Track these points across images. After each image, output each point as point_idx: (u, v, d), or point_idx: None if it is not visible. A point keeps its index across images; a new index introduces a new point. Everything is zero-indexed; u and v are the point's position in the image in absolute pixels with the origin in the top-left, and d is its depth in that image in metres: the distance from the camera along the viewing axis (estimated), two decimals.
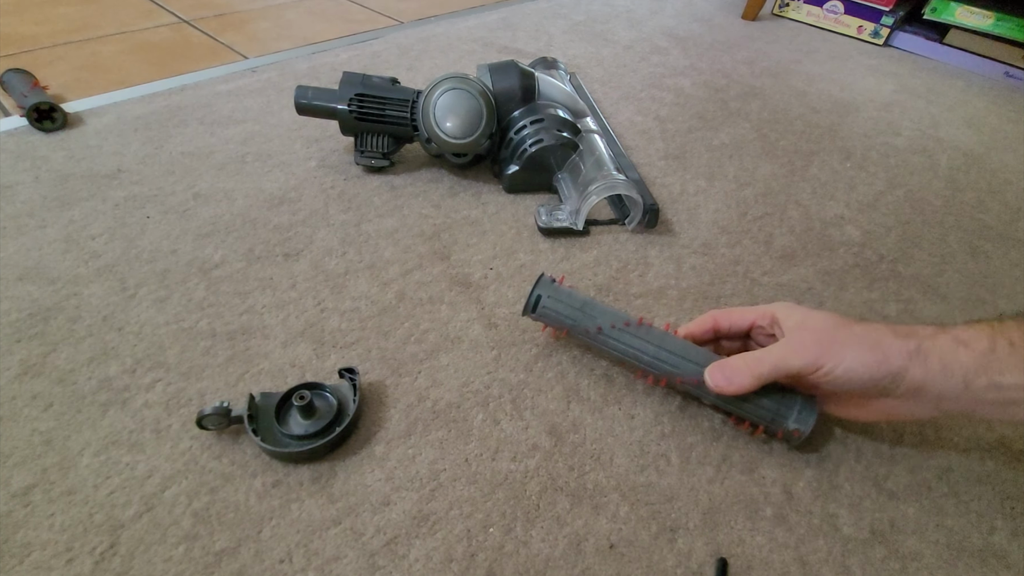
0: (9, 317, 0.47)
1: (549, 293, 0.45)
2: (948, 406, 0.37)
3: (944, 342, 0.36)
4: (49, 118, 0.69)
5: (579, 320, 0.44)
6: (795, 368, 0.37)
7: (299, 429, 0.40)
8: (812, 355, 0.37)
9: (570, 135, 0.63)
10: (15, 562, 0.34)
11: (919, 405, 0.37)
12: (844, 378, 0.36)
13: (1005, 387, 0.34)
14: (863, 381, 0.36)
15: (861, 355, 0.36)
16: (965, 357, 0.35)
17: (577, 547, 0.37)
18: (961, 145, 0.86)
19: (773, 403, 0.40)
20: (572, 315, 0.44)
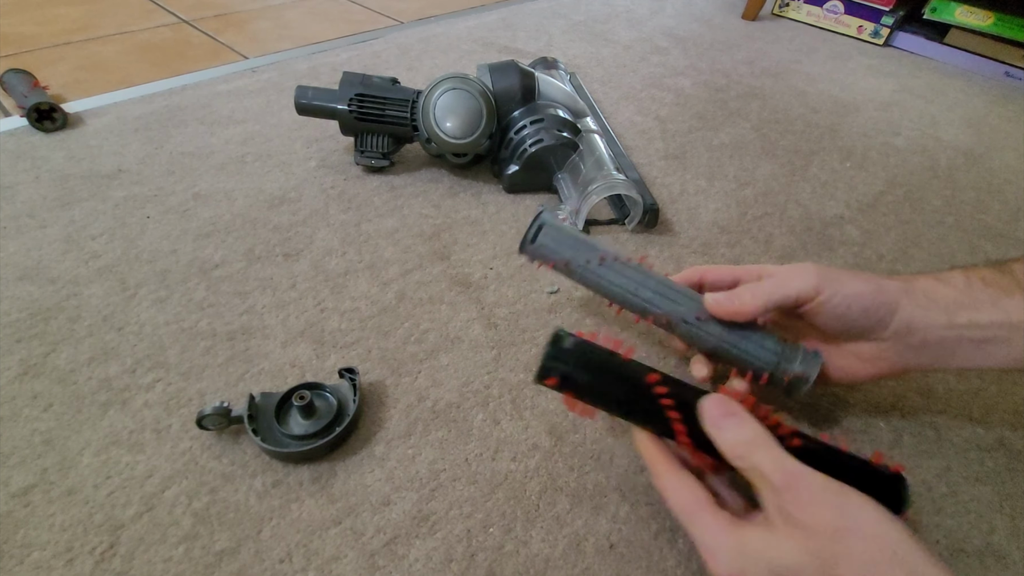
0: (9, 317, 0.47)
1: (551, 222, 0.41)
2: (934, 352, 0.37)
3: (925, 281, 0.37)
4: (49, 118, 0.69)
5: (580, 250, 0.40)
6: (795, 292, 0.36)
7: (299, 429, 0.40)
8: (812, 280, 0.36)
9: (570, 135, 0.64)
10: (15, 562, 0.34)
11: (908, 350, 0.37)
12: (843, 306, 0.36)
13: (982, 325, 0.35)
14: (860, 311, 0.36)
15: (858, 284, 0.36)
16: (946, 291, 0.36)
17: (577, 547, 0.37)
18: (961, 145, 0.86)
19: (777, 345, 0.39)
20: (572, 245, 0.41)
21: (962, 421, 0.47)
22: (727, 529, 0.28)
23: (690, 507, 0.30)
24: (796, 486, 0.27)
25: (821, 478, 0.27)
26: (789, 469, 0.28)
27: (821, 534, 0.26)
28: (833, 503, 0.26)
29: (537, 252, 0.41)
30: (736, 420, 0.30)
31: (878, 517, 0.26)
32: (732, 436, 0.30)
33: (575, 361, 0.32)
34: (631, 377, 0.33)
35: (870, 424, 0.45)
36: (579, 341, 0.33)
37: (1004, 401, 0.48)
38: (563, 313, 0.52)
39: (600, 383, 0.33)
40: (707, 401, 0.31)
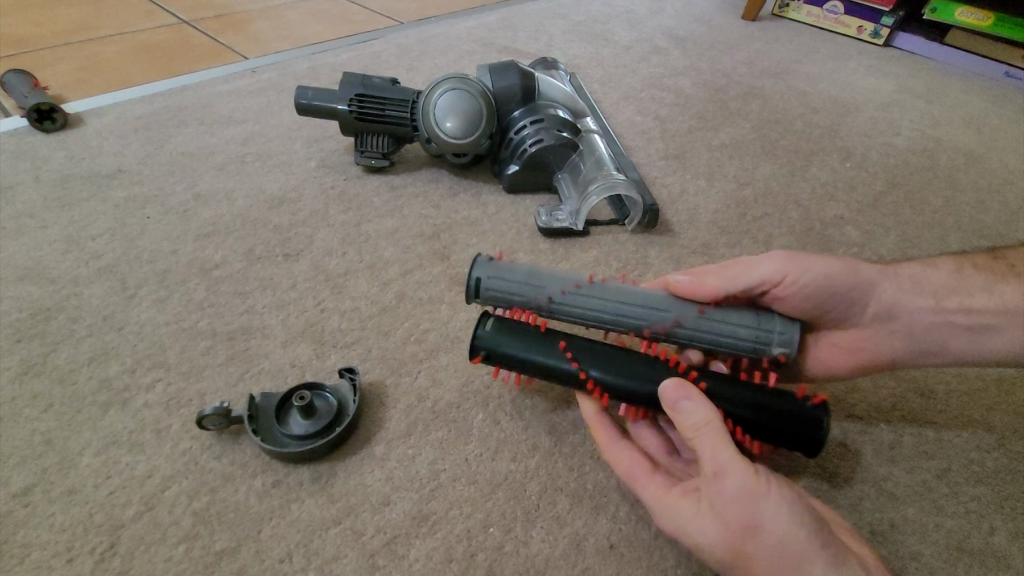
0: (9, 317, 0.47)
1: (489, 273, 0.40)
2: (922, 342, 0.34)
3: (911, 266, 0.35)
4: (49, 118, 0.69)
5: (528, 294, 0.39)
6: (759, 276, 0.35)
7: (299, 429, 0.40)
8: (778, 262, 0.35)
9: (570, 135, 0.64)
10: (15, 562, 0.34)
11: (892, 338, 0.34)
12: (812, 287, 0.34)
13: (975, 311, 0.33)
14: (831, 292, 0.34)
15: (829, 264, 0.34)
16: (934, 275, 0.34)
17: (577, 547, 0.37)
18: (961, 145, 0.86)
19: (752, 321, 0.37)
20: (519, 290, 0.39)
21: (962, 422, 0.46)
22: (663, 494, 0.32)
23: (632, 472, 0.34)
24: (722, 480, 0.29)
25: (744, 476, 0.28)
26: (720, 461, 0.29)
27: (735, 530, 0.28)
28: (748, 503, 0.28)
29: (484, 303, 0.40)
30: (690, 404, 0.32)
31: (790, 520, 0.27)
32: (683, 419, 0.32)
33: (496, 339, 0.38)
34: (546, 347, 0.37)
35: (870, 424, 0.45)
36: (499, 321, 0.38)
37: (1004, 402, 0.48)
38: None
39: (519, 355, 0.37)
40: (666, 385, 0.34)
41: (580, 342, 0.37)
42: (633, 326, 0.38)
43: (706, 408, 0.32)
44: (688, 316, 0.37)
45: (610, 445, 0.36)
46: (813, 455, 0.34)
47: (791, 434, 0.34)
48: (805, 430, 0.34)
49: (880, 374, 0.49)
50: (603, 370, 0.36)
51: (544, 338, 0.37)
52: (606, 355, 0.37)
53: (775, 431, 0.34)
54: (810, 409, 0.34)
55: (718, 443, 0.30)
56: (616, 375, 0.36)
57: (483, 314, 0.39)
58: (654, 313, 0.38)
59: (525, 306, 0.39)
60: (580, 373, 0.36)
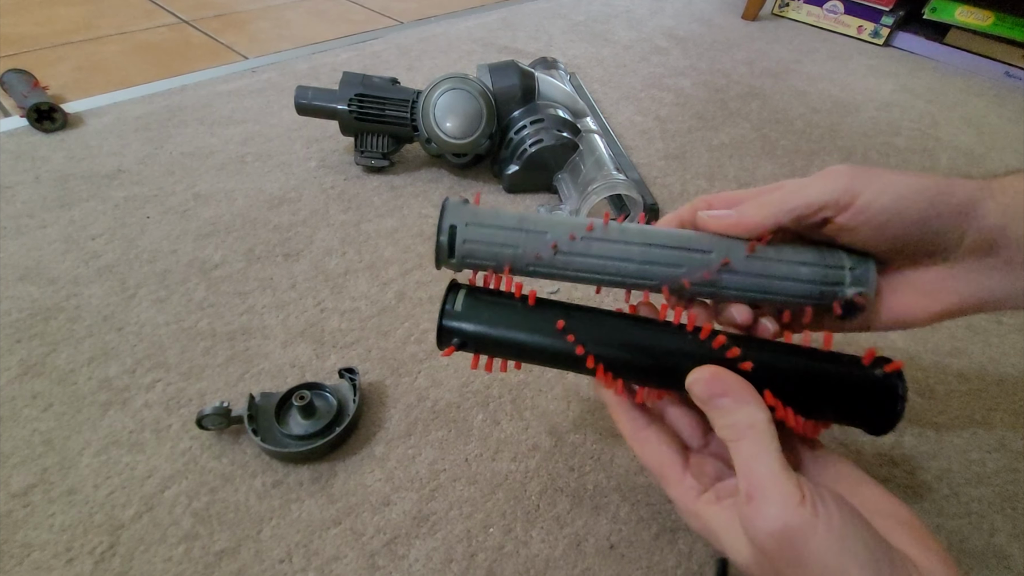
0: (9, 317, 0.47)
1: (467, 219, 0.29)
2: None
3: (1014, 180, 0.27)
4: (49, 118, 0.69)
5: (524, 244, 0.28)
6: (819, 198, 0.27)
7: (299, 429, 0.40)
8: (842, 182, 0.26)
9: (570, 135, 0.63)
10: (15, 562, 0.34)
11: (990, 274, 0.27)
12: (891, 212, 0.26)
13: None
14: (918, 218, 0.26)
15: (913, 182, 0.26)
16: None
17: (577, 547, 0.37)
18: (961, 145, 0.86)
19: (814, 256, 0.28)
20: (512, 239, 0.28)
21: (963, 422, 0.46)
22: (691, 501, 0.27)
23: (659, 469, 0.29)
24: (756, 506, 0.22)
25: (784, 506, 0.22)
26: (756, 481, 0.23)
27: (772, 558, 0.23)
28: (788, 538, 0.22)
29: (463, 264, 0.30)
30: (728, 402, 0.25)
31: (840, 555, 0.22)
32: (720, 418, 0.25)
33: (472, 318, 0.28)
34: (538, 323, 0.28)
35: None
36: (473, 294, 0.29)
37: (1005, 402, 0.48)
38: (561, 296, 0.52)
39: (504, 336, 0.28)
40: (699, 378, 0.26)
41: (580, 314, 0.29)
42: (668, 276, 0.29)
43: (750, 406, 0.25)
44: (737, 254, 0.28)
45: (635, 434, 0.30)
46: (883, 432, 0.28)
47: (860, 409, 0.28)
48: (878, 403, 0.27)
49: None
50: (614, 347, 0.28)
51: (535, 312, 0.29)
52: (616, 328, 0.28)
53: (840, 406, 0.28)
54: (883, 378, 0.27)
55: (759, 455, 0.23)
56: (630, 352, 0.28)
57: (450, 286, 0.29)
58: (693, 256, 0.28)
59: (520, 262, 0.29)
60: (586, 356, 0.28)
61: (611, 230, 0.29)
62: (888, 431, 0.28)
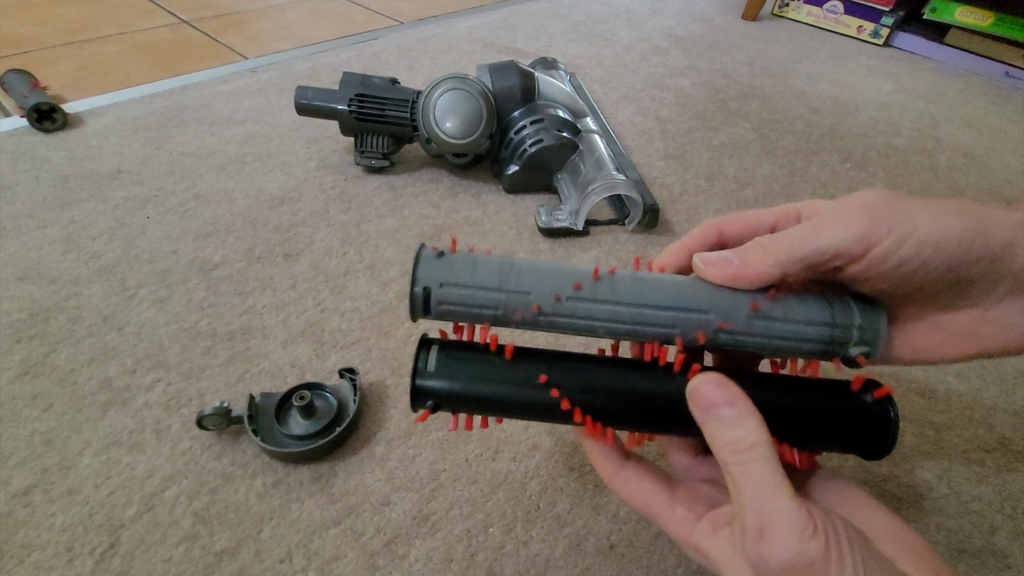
0: (9, 317, 0.47)
1: (442, 277, 0.26)
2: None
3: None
4: (49, 118, 0.69)
5: (503, 305, 0.26)
6: (831, 245, 0.24)
7: (299, 429, 0.40)
8: (861, 225, 0.23)
9: (570, 135, 0.64)
10: (15, 562, 0.34)
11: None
12: (917, 262, 0.23)
13: None
14: (947, 267, 0.23)
15: (942, 222, 0.23)
16: None
17: (577, 547, 0.37)
18: (961, 145, 0.86)
19: (825, 315, 0.26)
20: (491, 301, 0.26)
21: (963, 422, 0.46)
22: (687, 534, 0.25)
23: (646, 507, 0.27)
24: (767, 542, 0.21)
25: (797, 540, 0.20)
26: (767, 513, 0.21)
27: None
28: (803, 573, 0.21)
29: (441, 318, 0.27)
30: (731, 412, 0.23)
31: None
32: (721, 432, 0.23)
33: (447, 377, 0.26)
34: (519, 382, 0.27)
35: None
36: (446, 350, 0.27)
37: (1005, 402, 0.48)
38: None
39: (481, 395, 0.27)
40: (703, 384, 0.24)
41: (563, 363, 0.27)
42: (660, 336, 0.27)
43: (754, 422, 0.23)
44: (737, 315, 0.26)
45: (614, 476, 0.27)
46: (878, 458, 0.27)
47: (853, 438, 0.27)
48: (871, 431, 0.26)
49: (882, 367, 0.49)
50: (600, 396, 0.26)
51: (515, 366, 0.27)
52: (601, 376, 0.27)
53: (832, 436, 0.27)
54: (873, 405, 0.26)
55: (766, 482, 0.21)
56: (617, 400, 0.26)
57: (421, 342, 0.27)
58: (690, 317, 0.26)
59: (500, 321, 0.27)
60: (573, 409, 0.26)
61: (601, 288, 0.27)
62: (883, 457, 0.27)
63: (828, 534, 0.20)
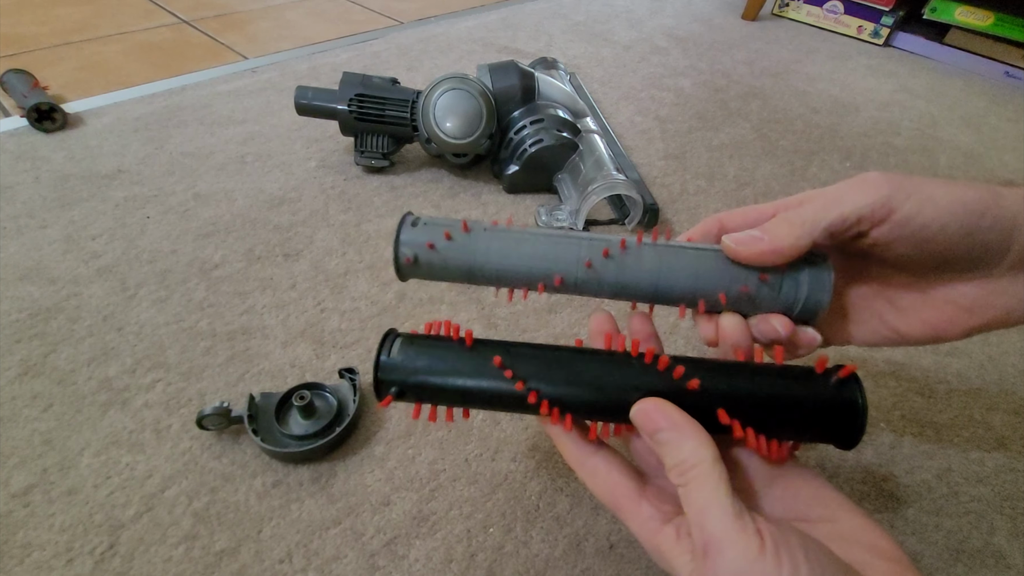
0: (9, 317, 0.47)
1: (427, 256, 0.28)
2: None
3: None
4: (49, 118, 0.69)
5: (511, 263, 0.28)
6: (855, 210, 0.25)
7: (299, 429, 0.40)
8: (882, 192, 0.24)
9: (570, 135, 0.64)
10: (15, 562, 0.34)
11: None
12: (934, 226, 0.24)
13: None
14: (961, 231, 0.24)
15: (956, 192, 0.24)
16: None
17: (577, 547, 0.37)
18: (961, 145, 0.86)
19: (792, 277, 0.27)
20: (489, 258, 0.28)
21: (962, 422, 0.46)
22: (651, 534, 0.25)
23: (613, 499, 0.26)
24: (712, 558, 0.21)
25: (741, 558, 0.20)
26: (709, 531, 0.21)
27: None
28: None
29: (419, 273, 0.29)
30: (673, 435, 0.23)
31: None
32: (665, 455, 0.24)
33: (409, 365, 0.27)
34: (477, 367, 0.27)
35: (870, 424, 0.45)
36: (409, 341, 0.28)
37: (1005, 402, 0.48)
38: (563, 313, 0.52)
39: (441, 383, 0.27)
40: (641, 410, 0.24)
41: (521, 350, 0.28)
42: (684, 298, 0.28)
43: (692, 444, 0.23)
44: (751, 281, 0.27)
45: (583, 464, 0.27)
46: (849, 447, 0.26)
47: (818, 427, 0.26)
48: (836, 420, 0.25)
49: (882, 368, 0.49)
50: (557, 382, 0.27)
51: (473, 352, 0.28)
52: (557, 363, 0.27)
53: (796, 426, 0.26)
54: (837, 390, 0.25)
55: (709, 503, 0.21)
56: (574, 386, 0.27)
57: (386, 335, 0.28)
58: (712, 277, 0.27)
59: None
60: (527, 392, 0.26)
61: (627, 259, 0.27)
62: (853, 446, 0.26)
63: (779, 552, 0.20)
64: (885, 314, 0.29)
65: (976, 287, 0.27)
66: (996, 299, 0.26)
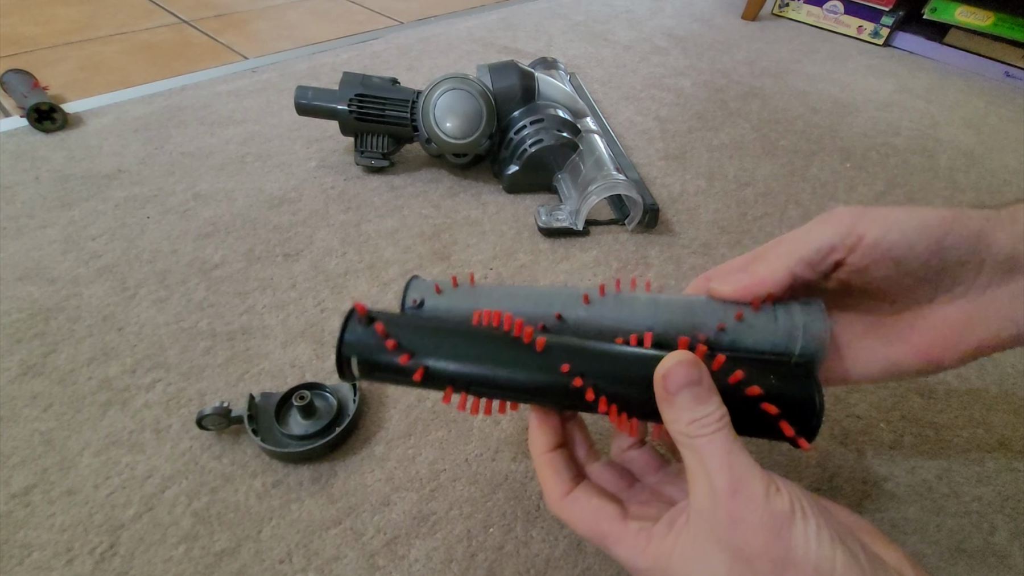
0: (9, 317, 0.47)
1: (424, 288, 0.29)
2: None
3: (1018, 208, 0.26)
4: (49, 118, 0.69)
5: None
6: (825, 241, 0.26)
7: (299, 429, 0.40)
8: (846, 221, 0.26)
9: (570, 135, 0.63)
10: (15, 562, 0.34)
11: (1015, 304, 0.26)
12: (903, 247, 0.25)
13: None
14: (932, 251, 0.25)
15: (917, 215, 0.26)
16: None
17: (578, 547, 0.37)
18: (961, 145, 0.86)
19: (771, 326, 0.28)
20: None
21: (962, 422, 0.46)
22: (645, 542, 0.24)
23: (596, 527, 0.26)
24: (741, 500, 0.21)
25: (766, 496, 0.21)
26: (738, 474, 0.22)
27: (760, 566, 0.21)
28: (774, 531, 0.21)
29: None
30: (701, 391, 0.23)
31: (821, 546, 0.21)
32: (687, 411, 0.23)
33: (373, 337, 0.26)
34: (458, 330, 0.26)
35: (870, 425, 0.45)
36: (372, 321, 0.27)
37: (1005, 402, 0.48)
38: None
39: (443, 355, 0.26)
40: (675, 363, 0.24)
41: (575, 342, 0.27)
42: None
43: (719, 398, 0.24)
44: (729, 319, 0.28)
45: (564, 496, 0.27)
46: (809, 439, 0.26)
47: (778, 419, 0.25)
48: (793, 415, 0.25)
49: None
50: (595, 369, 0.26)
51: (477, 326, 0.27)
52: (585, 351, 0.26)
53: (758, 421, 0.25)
54: (793, 382, 0.26)
55: (732, 445, 0.22)
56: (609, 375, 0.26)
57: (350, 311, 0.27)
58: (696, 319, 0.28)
59: None
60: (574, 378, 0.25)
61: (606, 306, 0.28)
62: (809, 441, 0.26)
63: (790, 492, 0.22)
64: (878, 347, 0.30)
65: (959, 309, 0.27)
66: (981, 318, 0.27)
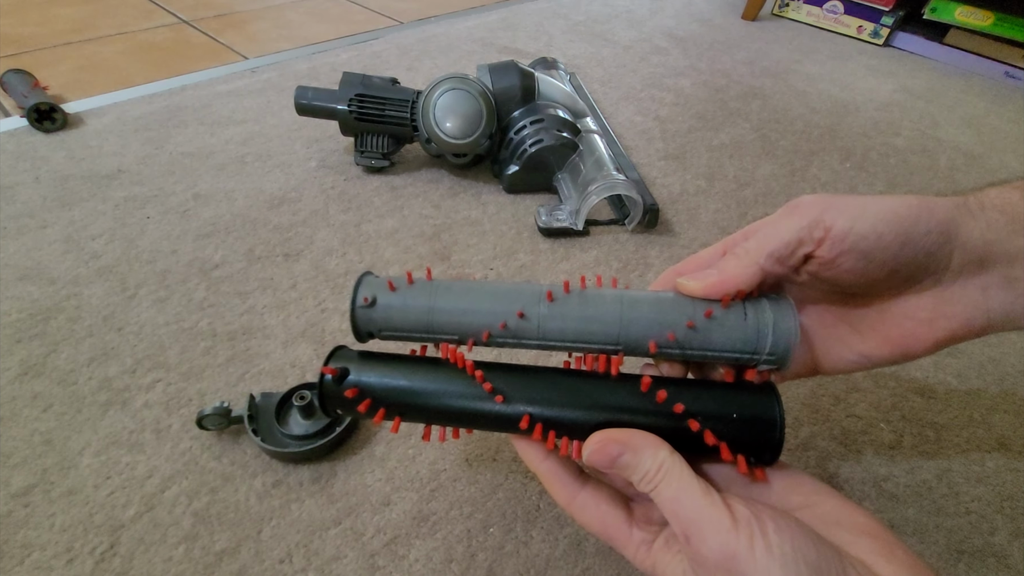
0: (9, 317, 0.47)
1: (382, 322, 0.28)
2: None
3: (996, 193, 0.26)
4: (49, 118, 0.69)
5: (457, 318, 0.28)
6: (793, 234, 0.25)
7: (299, 429, 0.40)
8: (812, 213, 0.25)
9: (570, 135, 0.64)
10: (15, 562, 0.34)
11: (987, 294, 0.26)
12: (872, 238, 0.25)
13: None
14: (899, 239, 0.25)
15: (887, 205, 0.25)
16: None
17: (578, 547, 0.37)
18: (961, 145, 0.86)
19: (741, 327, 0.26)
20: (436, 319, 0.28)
21: (962, 422, 0.46)
22: (644, 555, 0.26)
23: (605, 530, 0.27)
24: (695, 544, 0.22)
25: (719, 535, 0.21)
26: (686, 520, 0.22)
27: None
28: (731, 569, 0.21)
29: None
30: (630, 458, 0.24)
31: None
32: (631, 475, 0.24)
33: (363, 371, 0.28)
34: (441, 371, 0.28)
35: (870, 425, 0.45)
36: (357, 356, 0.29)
37: (1004, 402, 0.48)
38: None
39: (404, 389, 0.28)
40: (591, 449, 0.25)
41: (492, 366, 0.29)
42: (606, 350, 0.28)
43: (650, 448, 0.24)
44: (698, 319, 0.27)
45: (571, 501, 0.27)
46: (767, 462, 0.26)
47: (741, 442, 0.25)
48: (755, 434, 0.25)
49: (882, 368, 0.49)
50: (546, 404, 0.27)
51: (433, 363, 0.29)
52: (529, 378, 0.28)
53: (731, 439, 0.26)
54: (756, 402, 0.26)
55: (677, 494, 0.23)
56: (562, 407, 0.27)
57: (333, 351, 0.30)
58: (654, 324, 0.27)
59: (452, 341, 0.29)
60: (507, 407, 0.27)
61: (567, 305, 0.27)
62: (772, 462, 0.26)
63: (751, 526, 0.21)
64: (848, 339, 0.29)
65: (930, 298, 0.27)
66: (951, 308, 0.27)
